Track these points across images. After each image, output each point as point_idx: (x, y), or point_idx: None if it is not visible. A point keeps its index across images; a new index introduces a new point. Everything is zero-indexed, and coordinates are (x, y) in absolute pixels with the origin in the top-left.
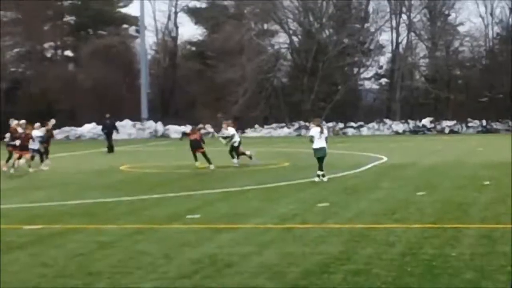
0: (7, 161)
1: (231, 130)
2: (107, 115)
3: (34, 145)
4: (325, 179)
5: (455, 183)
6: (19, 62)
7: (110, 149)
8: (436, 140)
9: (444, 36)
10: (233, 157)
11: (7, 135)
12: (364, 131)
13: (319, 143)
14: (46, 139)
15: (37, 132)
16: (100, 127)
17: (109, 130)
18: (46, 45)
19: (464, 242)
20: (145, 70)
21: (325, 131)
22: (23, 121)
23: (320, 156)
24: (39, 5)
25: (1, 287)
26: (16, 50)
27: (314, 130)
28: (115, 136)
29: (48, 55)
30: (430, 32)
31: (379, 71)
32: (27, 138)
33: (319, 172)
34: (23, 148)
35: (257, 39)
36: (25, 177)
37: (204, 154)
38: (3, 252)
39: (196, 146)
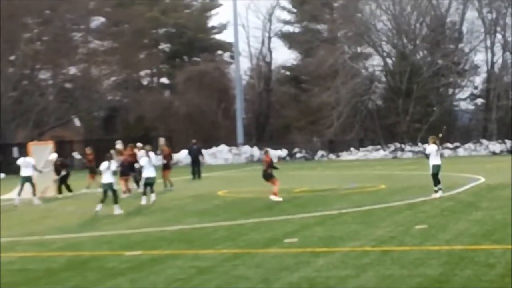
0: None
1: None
2: (193, 141)
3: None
4: (440, 193)
5: None
6: (116, 90)
7: (194, 175)
8: None
9: None
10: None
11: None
12: (461, 152)
13: (437, 160)
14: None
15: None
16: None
17: (195, 156)
18: (142, 73)
19: None
20: (240, 95)
21: (440, 148)
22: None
23: (438, 171)
24: (135, 34)
25: None
26: (113, 78)
27: (431, 147)
28: (211, 161)
29: (145, 82)
30: None
31: (475, 91)
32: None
33: (439, 187)
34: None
35: (351, 62)
36: (125, 204)
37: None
38: (107, 278)
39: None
